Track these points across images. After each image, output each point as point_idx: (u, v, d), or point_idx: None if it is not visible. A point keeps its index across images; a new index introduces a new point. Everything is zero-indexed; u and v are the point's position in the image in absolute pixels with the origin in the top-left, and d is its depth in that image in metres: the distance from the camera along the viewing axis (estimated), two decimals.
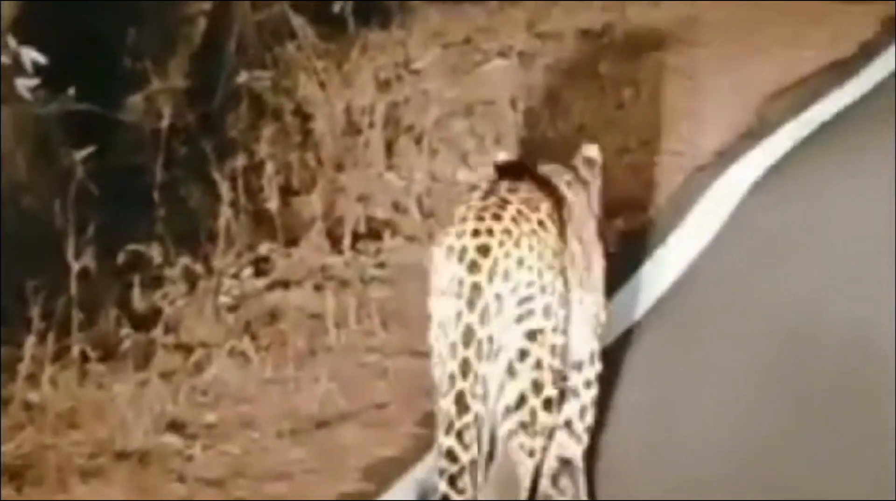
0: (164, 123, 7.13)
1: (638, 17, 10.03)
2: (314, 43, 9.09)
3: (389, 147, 7.57)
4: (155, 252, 5.86)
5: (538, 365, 3.67)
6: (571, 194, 4.04)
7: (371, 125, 7.77)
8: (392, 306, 5.68)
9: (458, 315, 3.59)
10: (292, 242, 6.22)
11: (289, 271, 6.00)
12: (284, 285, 5.90)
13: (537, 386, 3.67)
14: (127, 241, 5.91)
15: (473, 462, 3.58)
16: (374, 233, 6.42)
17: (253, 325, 5.51)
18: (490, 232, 3.62)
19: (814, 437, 4.59)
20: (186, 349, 5.28)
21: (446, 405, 3.60)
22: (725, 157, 7.60)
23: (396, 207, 6.76)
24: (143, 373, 5.05)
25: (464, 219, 3.68)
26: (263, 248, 6.14)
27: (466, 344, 3.58)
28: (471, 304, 3.58)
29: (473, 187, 3.89)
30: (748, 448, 4.48)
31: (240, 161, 6.89)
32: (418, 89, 8.64)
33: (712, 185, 7.16)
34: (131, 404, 4.83)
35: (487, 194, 3.76)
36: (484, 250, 3.60)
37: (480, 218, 3.66)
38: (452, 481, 3.58)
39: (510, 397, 3.67)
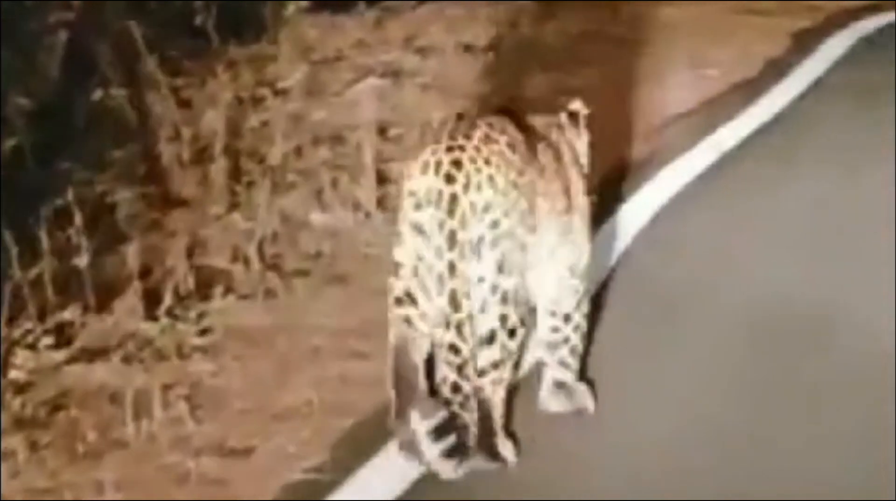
0: None
1: (530, 32, 9.24)
2: (173, 58, 8.23)
3: (238, 180, 6.67)
4: None
5: (504, 300, 3.99)
6: (555, 140, 4.36)
7: (221, 154, 6.89)
8: (211, 385, 4.76)
9: (441, 223, 3.92)
10: (105, 303, 5.28)
11: (96, 339, 5.07)
12: (89, 357, 4.97)
13: (504, 319, 4.00)
14: None
15: (472, 352, 3.93)
16: (204, 289, 5.51)
17: (41, 412, 4.57)
18: (462, 148, 3.96)
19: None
20: None
21: (441, 303, 3.92)
22: (618, 188, 6.78)
23: (235, 255, 5.85)
24: None
25: (438, 139, 4.01)
26: (69, 311, 5.19)
27: (451, 247, 3.91)
28: (451, 212, 3.91)
29: (443, 122, 4.21)
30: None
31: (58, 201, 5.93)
32: (282, 112, 7.75)
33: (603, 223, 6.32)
34: None
35: (458, 119, 4.12)
36: (457, 164, 3.93)
37: (453, 137, 3.99)
38: (460, 370, 3.92)
39: (482, 330, 3.98)
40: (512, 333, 4.04)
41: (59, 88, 7.63)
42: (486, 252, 3.96)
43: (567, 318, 4.38)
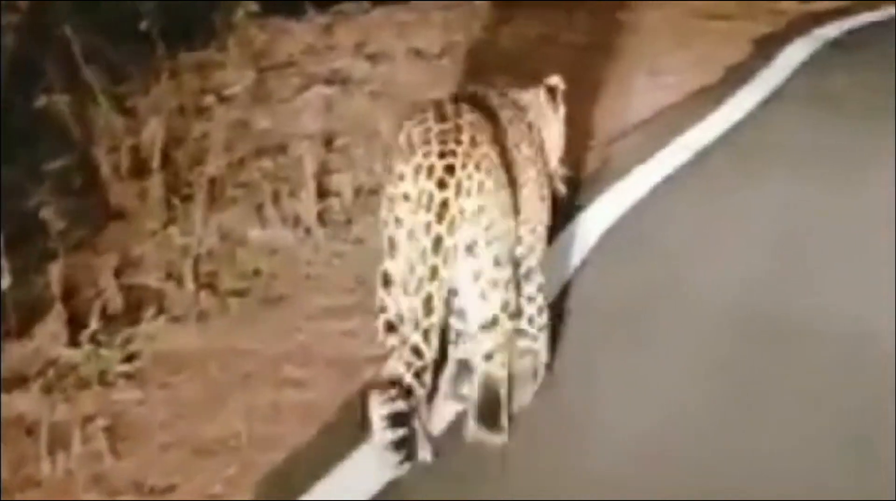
0: None
1: (485, 37, 8.99)
2: (118, 64, 7.98)
3: (176, 192, 6.41)
4: None
5: (506, 288, 4.08)
6: (508, 122, 4.35)
7: (160, 165, 6.64)
8: (135, 415, 4.50)
9: (428, 226, 3.92)
10: (27, 327, 5.02)
11: (15, 367, 4.80)
12: (7, 386, 4.69)
13: (506, 305, 4.10)
14: None
15: (433, 359, 3.93)
16: (134, 310, 5.25)
17: None
18: (454, 153, 3.98)
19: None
20: None
21: (414, 305, 3.90)
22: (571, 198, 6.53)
23: (169, 273, 5.58)
24: None
25: (427, 141, 4.00)
26: None
27: (436, 251, 3.91)
28: (439, 217, 3.92)
29: (423, 108, 4.16)
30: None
31: None
32: (227, 120, 7.49)
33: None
34: None
35: (440, 119, 4.06)
36: (450, 169, 3.95)
37: (443, 141, 3.99)
38: (418, 375, 3.90)
39: (485, 315, 4.07)
40: (512, 314, 4.16)
41: (3, 94, 7.38)
42: (481, 252, 4.02)
43: (527, 276, 4.39)
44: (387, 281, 4.02)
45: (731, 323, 5.09)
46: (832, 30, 10.22)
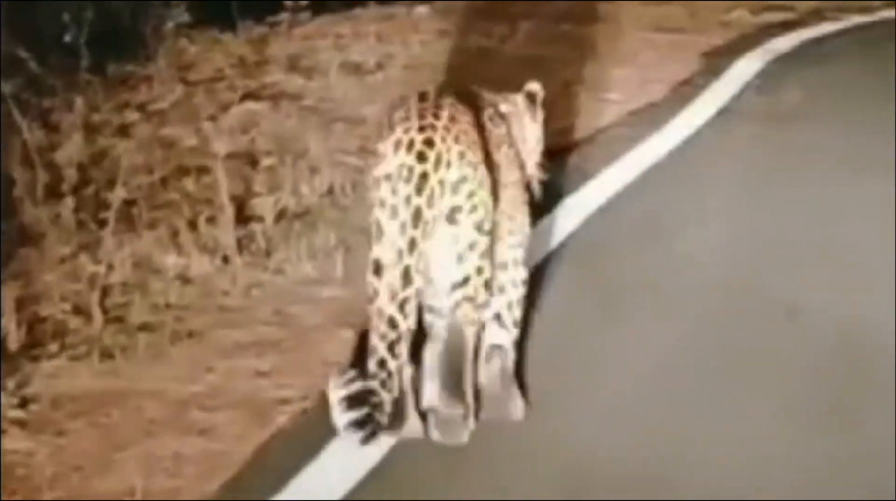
0: None
1: (424, 50, 8.70)
2: (40, 77, 7.66)
3: (93, 215, 6.07)
4: None
5: (483, 254, 4.10)
6: (491, 124, 4.36)
7: (73, 186, 6.30)
8: (25, 467, 4.16)
9: (408, 199, 3.96)
10: None
11: None
12: None
13: (480, 270, 4.12)
14: None
15: (409, 330, 3.99)
16: (34, 347, 4.91)
17: None
18: (433, 128, 4.03)
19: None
20: None
21: (392, 277, 3.96)
22: None
23: (77, 305, 5.24)
24: None
25: (407, 118, 4.05)
26: None
27: (415, 224, 3.96)
28: (419, 189, 3.96)
29: (403, 99, 4.19)
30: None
31: None
32: (152, 137, 7.18)
33: None
34: None
35: (420, 98, 4.12)
36: (429, 143, 4.00)
37: (423, 116, 4.05)
38: (391, 346, 3.96)
39: (458, 276, 4.10)
40: (486, 284, 4.15)
41: None
42: (462, 218, 4.04)
43: (503, 267, 4.34)
44: (377, 268, 4.00)
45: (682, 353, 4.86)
46: (784, 42, 9.96)
